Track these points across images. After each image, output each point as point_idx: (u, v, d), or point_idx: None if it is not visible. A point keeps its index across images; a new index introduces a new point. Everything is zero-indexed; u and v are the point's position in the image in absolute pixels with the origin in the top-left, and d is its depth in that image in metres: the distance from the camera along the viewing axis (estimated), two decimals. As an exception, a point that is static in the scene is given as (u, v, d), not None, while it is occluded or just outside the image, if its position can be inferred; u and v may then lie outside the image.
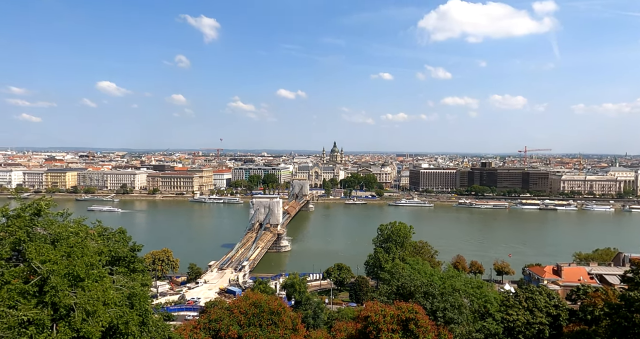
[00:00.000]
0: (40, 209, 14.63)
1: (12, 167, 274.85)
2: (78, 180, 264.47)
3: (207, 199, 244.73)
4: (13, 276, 11.60)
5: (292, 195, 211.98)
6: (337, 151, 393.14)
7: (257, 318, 22.89)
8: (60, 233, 14.26)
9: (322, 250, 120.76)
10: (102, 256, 16.48)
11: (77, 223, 17.04)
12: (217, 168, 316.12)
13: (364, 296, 70.94)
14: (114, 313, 12.51)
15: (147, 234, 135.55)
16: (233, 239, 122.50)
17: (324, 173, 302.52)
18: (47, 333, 9.99)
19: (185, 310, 67.08)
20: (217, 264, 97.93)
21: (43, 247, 12.57)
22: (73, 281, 12.13)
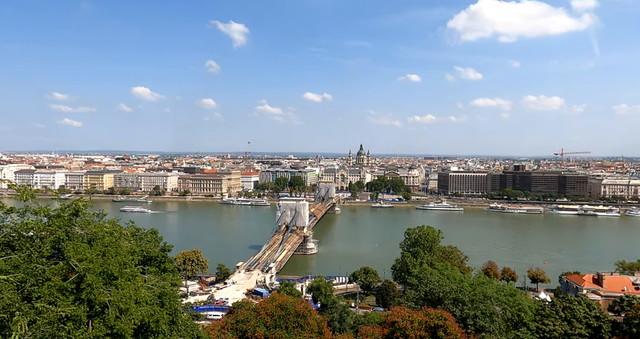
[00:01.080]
0: (78, 210, 15.13)
1: (55, 170, 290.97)
2: (114, 182, 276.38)
3: (235, 201, 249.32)
4: (53, 273, 12.04)
5: (318, 198, 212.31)
6: (364, 154, 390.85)
7: (283, 320, 22.96)
8: (96, 233, 14.70)
9: (348, 253, 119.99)
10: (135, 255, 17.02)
11: (111, 223, 17.56)
12: (245, 171, 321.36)
13: (391, 300, 69.83)
14: (146, 312, 12.79)
15: (177, 235, 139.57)
16: (260, 241, 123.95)
17: (350, 176, 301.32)
18: (83, 329, 10.33)
19: (214, 310, 68.35)
20: (245, 266, 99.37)
21: (80, 246, 12.98)
22: (107, 280, 12.50)
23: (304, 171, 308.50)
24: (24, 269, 11.16)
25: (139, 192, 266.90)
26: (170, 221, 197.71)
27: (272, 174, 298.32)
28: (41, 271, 11.79)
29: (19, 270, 10.94)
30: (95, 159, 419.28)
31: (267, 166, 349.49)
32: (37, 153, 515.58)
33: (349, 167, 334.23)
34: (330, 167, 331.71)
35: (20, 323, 8.37)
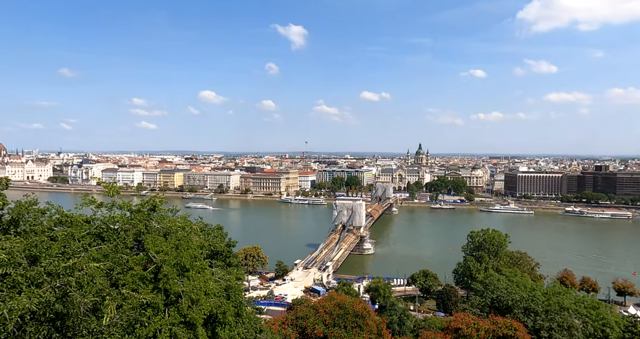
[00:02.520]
0: (155, 206, 16.18)
1: (134, 169, 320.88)
2: (184, 180, 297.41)
3: (293, 199, 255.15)
4: (135, 263, 13.04)
5: (375, 198, 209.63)
6: (423, 153, 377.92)
7: (341, 319, 22.98)
8: (170, 227, 15.63)
9: (406, 255, 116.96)
10: (204, 249, 18.10)
11: (183, 219, 18.59)
12: (303, 170, 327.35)
13: (453, 306, 66.80)
14: (214, 303, 13.41)
15: (239, 231, 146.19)
16: (317, 240, 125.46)
17: (408, 176, 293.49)
18: (160, 316, 11.08)
19: (274, 305, 70.51)
20: (303, 263, 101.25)
21: (157, 239, 13.85)
22: (180, 271, 13.30)
23: (361, 170, 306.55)
24: (111, 258, 12.20)
25: (205, 190, 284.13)
26: (231, 217, 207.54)
27: (329, 174, 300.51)
28: (125, 260, 12.79)
29: (108, 259, 11.98)
30: (168, 158, 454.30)
31: (324, 166, 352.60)
32: (119, 153, 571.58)
33: (407, 167, 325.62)
34: (387, 167, 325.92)
35: (111, 307, 9.24)
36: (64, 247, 11.02)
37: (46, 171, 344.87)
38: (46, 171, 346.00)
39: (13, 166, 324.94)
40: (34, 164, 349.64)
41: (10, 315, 7.78)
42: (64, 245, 11.15)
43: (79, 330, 8.93)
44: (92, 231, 13.57)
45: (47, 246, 10.33)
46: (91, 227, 13.67)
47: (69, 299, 8.89)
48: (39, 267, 9.37)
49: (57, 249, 10.64)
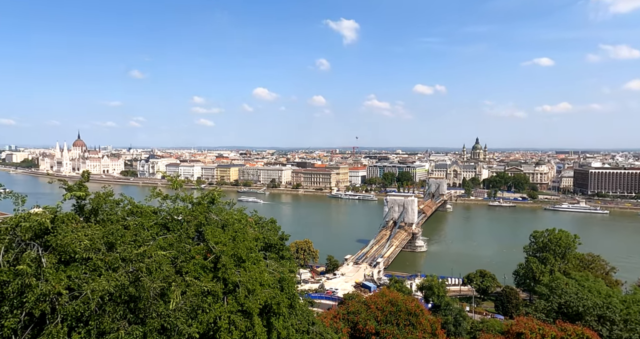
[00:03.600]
0: (214, 199, 16.91)
1: (194, 164, 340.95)
2: (239, 174, 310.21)
3: (343, 195, 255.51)
4: (196, 252, 13.76)
5: (427, 194, 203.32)
6: (480, 148, 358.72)
7: (394, 316, 22.65)
8: (227, 220, 16.25)
9: (462, 254, 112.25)
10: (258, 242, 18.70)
11: (239, 212, 19.26)
12: (353, 165, 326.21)
13: (513, 309, 63.11)
14: (268, 294, 13.78)
15: (289, 225, 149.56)
16: (367, 235, 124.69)
17: (463, 172, 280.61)
18: (220, 303, 11.63)
19: (325, 299, 71.46)
20: (353, 259, 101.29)
21: (216, 231, 14.48)
22: (237, 262, 13.83)
23: (413, 166, 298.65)
24: (176, 247, 12.98)
25: (259, 184, 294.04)
26: (282, 211, 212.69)
27: (380, 169, 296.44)
28: (188, 250, 13.52)
29: (173, 248, 12.76)
30: (224, 154, 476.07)
31: (375, 161, 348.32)
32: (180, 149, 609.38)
33: (462, 163, 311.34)
34: (441, 163, 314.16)
35: (176, 293, 9.88)
36: (135, 235, 11.96)
37: (118, 166, 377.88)
38: (118, 165, 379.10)
39: (92, 161, 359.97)
40: (109, 159, 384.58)
41: (92, 295, 8.61)
42: (136, 233, 12.10)
43: (149, 312, 9.64)
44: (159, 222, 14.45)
45: (121, 234, 11.27)
46: (158, 217, 14.55)
47: (140, 284, 9.61)
48: (115, 253, 10.25)
49: (129, 237, 11.58)
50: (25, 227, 8.85)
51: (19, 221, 9.01)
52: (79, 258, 9.39)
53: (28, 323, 8.24)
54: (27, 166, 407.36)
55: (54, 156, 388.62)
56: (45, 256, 8.90)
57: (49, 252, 9.12)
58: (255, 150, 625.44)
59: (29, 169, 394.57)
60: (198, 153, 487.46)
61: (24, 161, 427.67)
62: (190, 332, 9.87)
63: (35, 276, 8.31)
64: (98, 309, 8.92)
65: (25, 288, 8.10)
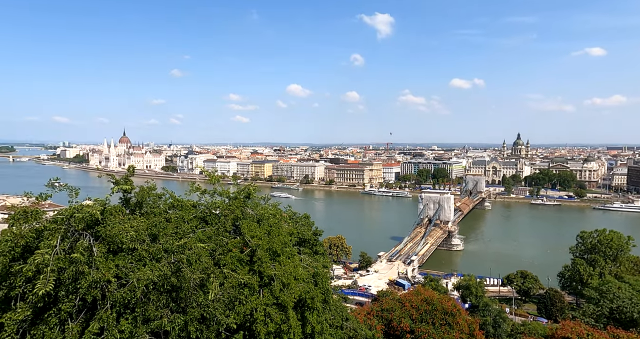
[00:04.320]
0: (250, 193, 17.28)
1: (230, 160, 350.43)
2: (272, 170, 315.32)
3: (376, 191, 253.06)
4: (233, 246, 14.14)
5: (464, 191, 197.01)
6: (522, 144, 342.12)
7: (429, 315, 22.20)
8: (263, 214, 16.54)
9: (501, 253, 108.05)
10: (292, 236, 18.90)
11: (274, 207, 19.56)
12: (386, 162, 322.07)
13: (558, 312, 60.07)
14: (303, 288, 13.92)
15: (322, 221, 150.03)
16: (401, 233, 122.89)
17: (503, 168, 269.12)
18: (256, 296, 11.90)
19: (358, 295, 71.38)
20: (386, 256, 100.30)
21: (252, 225, 14.80)
22: (272, 256, 14.06)
23: (449, 162, 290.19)
24: (214, 240, 13.40)
25: (292, 180, 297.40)
26: (314, 207, 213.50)
27: (414, 166, 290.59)
28: (225, 243, 13.91)
29: (211, 241, 13.18)
30: (259, 150, 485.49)
31: (409, 157, 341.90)
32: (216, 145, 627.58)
33: (502, 159, 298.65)
34: (479, 159, 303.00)
35: (215, 284, 10.21)
36: (176, 228, 12.46)
37: (160, 161, 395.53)
38: (160, 161, 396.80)
39: (136, 157, 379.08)
40: (151, 155, 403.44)
41: (138, 284, 9.08)
42: (177, 226, 12.60)
43: (189, 302, 10.04)
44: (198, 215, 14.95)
45: (163, 226, 11.77)
46: (197, 211, 15.05)
47: (181, 274, 10.01)
48: (158, 244, 10.74)
49: (171, 229, 12.08)
50: (78, 218, 9.46)
51: (73, 212, 9.64)
52: (125, 248, 9.92)
53: (81, 307, 8.83)
54: (78, 161, 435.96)
55: (102, 151, 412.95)
56: (96, 245, 9.47)
57: (99, 242, 9.69)
58: (289, 146, 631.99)
59: (80, 164, 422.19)
60: (234, 149, 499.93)
61: (76, 157, 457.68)
62: (229, 322, 10.18)
63: (88, 264, 8.87)
64: (143, 297, 9.39)
65: (78, 274, 8.67)
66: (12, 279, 8.86)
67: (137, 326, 9.12)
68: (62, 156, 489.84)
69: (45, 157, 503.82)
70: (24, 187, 59.52)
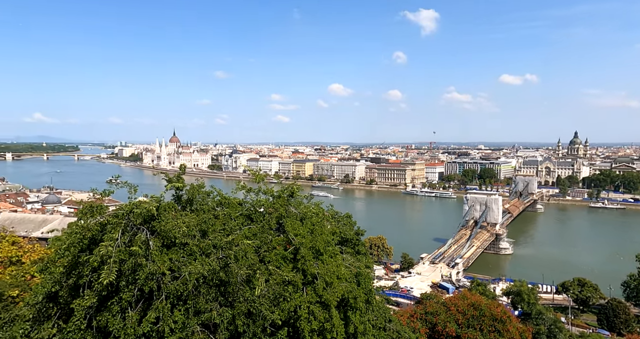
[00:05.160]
0: (293, 192, 17.47)
1: (272, 159, 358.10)
2: (313, 169, 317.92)
3: (418, 191, 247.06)
4: (277, 243, 14.41)
5: (514, 193, 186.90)
6: (579, 143, 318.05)
7: (476, 320, 21.27)
8: (306, 213, 16.64)
9: (555, 259, 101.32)
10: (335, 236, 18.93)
11: (316, 206, 19.64)
12: (429, 161, 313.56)
13: (622, 325, 55.44)
14: (345, 287, 13.90)
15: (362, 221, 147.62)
16: (444, 234, 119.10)
17: (558, 169, 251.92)
18: (300, 293, 12.05)
19: (400, 297, 70.16)
20: (429, 258, 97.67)
21: (295, 223, 14.97)
22: (315, 254, 14.15)
23: (497, 162, 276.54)
24: (259, 237, 13.73)
25: (332, 179, 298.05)
26: (355, 206, 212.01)
27: (459, 165, 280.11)
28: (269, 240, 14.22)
29: (256, 238, 13.53)
30: (300, 149, 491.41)
31: (453, 157, 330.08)
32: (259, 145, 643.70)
33: (556, 159, 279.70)
34: (531, 159, 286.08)
35: (261, 280, 10.47)
36: (224, 224, 12.92)
37: (206, 160, 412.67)
38: (206, 160, 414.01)
39: (184, 156, 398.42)
40: (198, 154, 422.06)
41: (190, 277, 9.53)
42: (224, 223, 13.06)
43: (237, 297, 10.38)
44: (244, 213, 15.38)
45: (212, 222, 12.26)
46: (243, 209, 15.48)
47: (229, 270, 10.37)
48: (208, 240, 11.20)
49: (219, 226, 12.55)
50: (137, 214, 10.10)
51: (132, 208, 10.31)
52: (178, 243, 10.45)
53: (140, 297, 9.42)
54: (133, 159, 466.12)
55: (154, 151, 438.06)
56: (152, 239, 10.06)
57: (155, 237, 10.28)
58: (330, 145, 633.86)
59: (135, 162, 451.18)
60: (275, 148, 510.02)
61: (131, 156, 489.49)
62: (274, 318, 10.39)
63: (145, 257, 9.45)
64: (194, 290, 9.85)
65: (137, 266, 9.27)
66: (81, 268, 9.67)
67: (189, 317, 9.59)
68: (119, 154, 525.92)
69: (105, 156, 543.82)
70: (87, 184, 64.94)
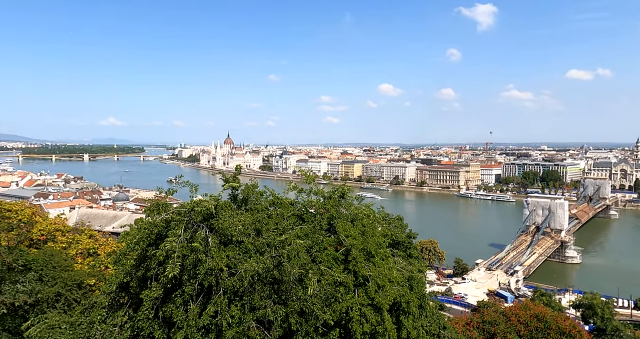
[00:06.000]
0: (344, 193, 17.43)
1: (320, 160, 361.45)
2: (362, 171, 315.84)
3: (473, 194, 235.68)
4: (328, 244, 14.46)
5: (582, 197, 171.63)
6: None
7: (541, 333, 19.74)
8: (357, 214, 16.53)
9: (633, 271, 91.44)
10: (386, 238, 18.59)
11: (367, 207, 19.44)
12: (485, 163, 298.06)
13: None
14: (397, 291, 13.60)
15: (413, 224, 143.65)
16: (501, 240, 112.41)
17: (636, 171, 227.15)
18: (351, 295, 11.99)
19: (453, 303, 67.41)
20: (485, 264, 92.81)
21: (346, 224, 14.92)
22: (366, 256, 14.00)
23: (562, 164, 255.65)
24: (310, 238, 13.87)
25: (381, 180, 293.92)
26: (404, 208, 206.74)
27: (518, 167, 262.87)
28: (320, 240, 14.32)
29: (308, 238, 13.67)
30: (348, 150, 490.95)
31: (512, 158, 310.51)
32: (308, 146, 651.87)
33: (634, 160, 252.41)
34: (602, 160, 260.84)
35: (313, 280, 10.56)
36: (276, 224, 13.20)
37: (258, 161, 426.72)
38: (258, 160, 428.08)
39: (237, 157, 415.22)
40: (250, 155, 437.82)
41: (245, 274, 9.86)
42: (277, 222, 13.35)
43: (290, 295, 10.55)
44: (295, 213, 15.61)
45: (266, 222, 12.59)
46: (294, 209, 15.73)
47: (282, 268, 10.57)
48: (262, 238, 11.51)
49: (272, 225, 12.85)
50: (197, 212, 10.66)
51: (193, 206, 10.90)
52: (234, 241, 10.86)
53: (200, 291, 9.94)
54: (191, 160, 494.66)
55: (210, 152, 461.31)
56: (211, 236, 10.56)
57: (213, 234, 10.78)
58: (379, 146, 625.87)
59: (193, 163, 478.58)
60: (324, 149, 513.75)
61: (190, 157, 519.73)
62: (326, 318, 10.43)
63: (205, 253, 9.93)
64: (249, 287, 10.17)
65: (197, 262, 9.77)
66: (148, 261, 10.41)
67: (244, 313, 9.92)
68: (179, 155, 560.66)
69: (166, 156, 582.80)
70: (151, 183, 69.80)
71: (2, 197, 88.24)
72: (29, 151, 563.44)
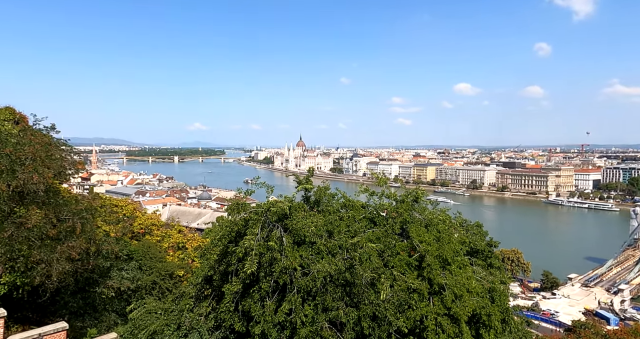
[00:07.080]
0: (418, 197, 16.83)
1: (391, 162, 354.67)
2: (436, 174, 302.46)
3: (565, 201, 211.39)
4: (401, 249, 14.04)
5: None
6: None
7: (653, 367, 16.91)
8: (431, 219, 15.79)
9: None
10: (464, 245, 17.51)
11: (443, 212, 18.52)
12: (580, 167, 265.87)
13: None
14: (477, 303, 12.73)
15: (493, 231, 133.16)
16: (601, 253, 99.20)
17: None
18: (426, 303, 11.49)
19: (541, 320, 61.15)
20: (580, 279, 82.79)
21: (420, 229, 14.35)
22: (442, 263, 13.31)
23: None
24: (382, 241, 13.59)
25: (457, 185, 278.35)
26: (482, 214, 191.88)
27: (623, 172, 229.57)
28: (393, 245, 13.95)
29: (380, 241, 13.42)
30: (421, 153, 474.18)
31: (615, 162, 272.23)
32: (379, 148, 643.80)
33: None
34: None
35: (386, 285, 10.35)
36: (348, 226, 13.18)
37: (328, 163, 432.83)
38: (328, 163, 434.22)
39: (309, 159, 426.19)
40: (321, 157, 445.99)
41: (318, 275, 10.01)
42: (348, 225, 13.32)
43: (362, 299, 10.46)
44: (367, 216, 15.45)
45: (337, 224, 12.64)
46: (366, 212, 15.56)
47: (354, 271, 10.51)
48: (334, 240, 11.58)
49: (344, 227, 12.86)
50: (273, 212, 11.12)
51: (269, 206, 11.40)
52: (307, 241, 11.09)
53: (275, 288, 10.35)
54: (266, 162, 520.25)
55: (283, 154, 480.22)
56: (285, 236, 10.92)
57: (287, 234, 11.13)
58: (454, 149, 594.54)
59: (267, 164, 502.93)
60: (396, 152, 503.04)
61: (265, 159, 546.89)
62: (400, 325, 10.13)
63: (279, 252, 10.31)
64: (322, 287, 10.30)
65: (273, 260, 10.18)
66: (229, 257, 11.14)
67: (317, 313, 10.08)
68: (255, 158, 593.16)
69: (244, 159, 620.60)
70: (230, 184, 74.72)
71: (111, 194, 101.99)
72: (131, 153, 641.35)
